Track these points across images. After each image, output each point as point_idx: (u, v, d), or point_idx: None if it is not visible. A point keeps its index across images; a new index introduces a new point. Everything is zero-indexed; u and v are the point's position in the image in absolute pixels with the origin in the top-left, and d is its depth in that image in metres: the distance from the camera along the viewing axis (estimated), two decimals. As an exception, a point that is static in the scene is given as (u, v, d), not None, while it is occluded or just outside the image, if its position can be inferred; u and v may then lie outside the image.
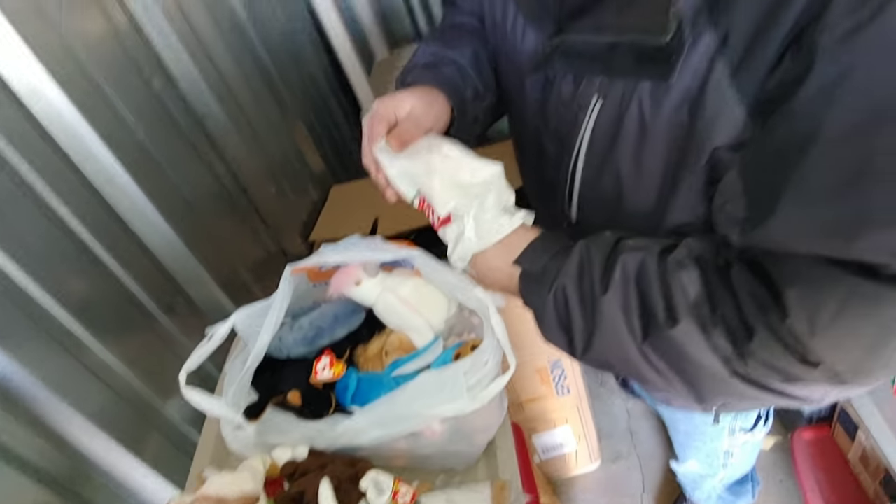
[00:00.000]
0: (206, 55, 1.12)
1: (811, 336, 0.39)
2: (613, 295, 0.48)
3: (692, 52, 0.45)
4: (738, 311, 0.43)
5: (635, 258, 0.49)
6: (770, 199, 0.41)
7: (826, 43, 0.37)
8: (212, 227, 1.03)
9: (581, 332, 0.51)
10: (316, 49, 1.82)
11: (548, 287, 0.52)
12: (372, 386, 0.70)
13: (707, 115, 0.46)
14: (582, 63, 0.55)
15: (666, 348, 0.46)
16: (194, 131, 1.05)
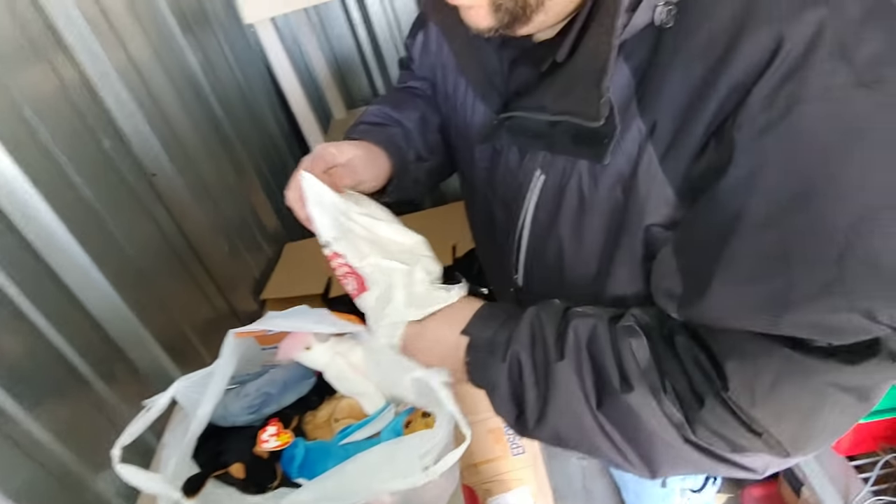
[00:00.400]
0: (160, 113, 1.12)
1: (752, 406, 0.42)
2: (568, 361, 0.49)
3: (625, 137, 0.48)
4: (687, 379, 0.45)
5: (586, 324, 0.50)
6: (703, 280, 0.43)
7: (742, 139, 0.40)
8: (158, 287, 1.00)
9: (534, 403, 0.51)
10: (273, 108, 1.84)
11: (501, 356, 0.52)
12: (320, 456, 0.68)
13: (640, 195, 0.49)
14: (526, 138, 0.58)
15: (620, 415, 0.47)
16: (144, 190, 1.03)
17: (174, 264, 1.09)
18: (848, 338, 0.39)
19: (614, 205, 0.52)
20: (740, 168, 0.41)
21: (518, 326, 0.53)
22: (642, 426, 0.46)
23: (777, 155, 0.39)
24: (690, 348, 0.46)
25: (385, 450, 0.63)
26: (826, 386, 0.40)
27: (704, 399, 0.43)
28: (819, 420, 0.41)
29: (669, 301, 0.47)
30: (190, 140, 1.21)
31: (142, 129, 1.04)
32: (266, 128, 1.73)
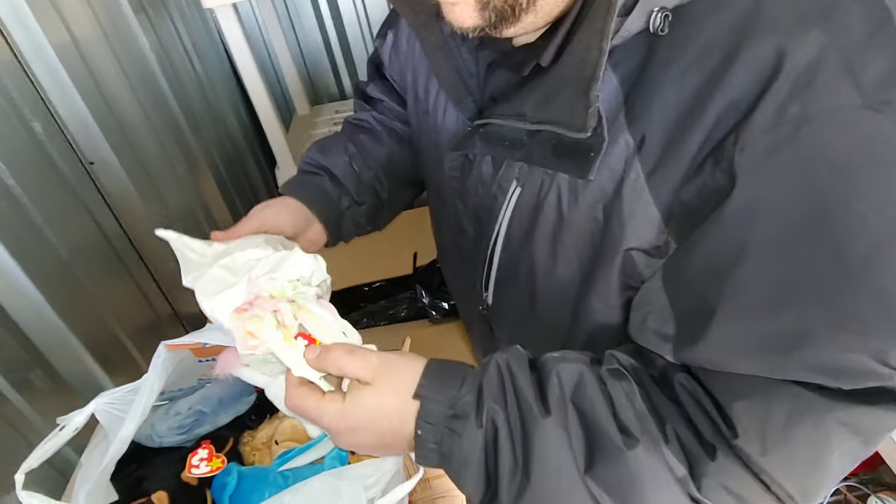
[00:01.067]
0: (103, 97, 1.03)
1: (763, 454, 0.38)
2: (556, 417, 0.42)
3: (610, 151, 0.44)
4: (693, 428, 0.41)
5: (570, 371, 0.44)
6: (701, 318, 0.40)
7: (746, 160, 0.37)
8: (91, 288, 0.91)
9: (510, 476, 0.42)
10: (232, 100, 1.76)
11: (476, 420, 0.42)
12: (255, 483, 0.62)
13: (622, 215, 0.45)
14: (502, 148, 0.53)
15: (616, 477, 0.41)
16: (80, 180, 0.95)
17: (111, 262, 1.00)
18: (857, 381, 0.36)
19: (593, 224, 0.48)
20: (745, 193, 0.37)
21: (485, 378, 0.45)
22: (643, 488, 0.40)
23: (785, 179, 0.36)
24: (693, 391, 0.42)
25: (327, 480, 0.58)
26: (839, 426, 0.37)
27: (717, 449, 0.39)
28: (828, 467, 0.38)
29: (662, 343, 0.43)
30: (136, 127, 1.13)
31: (80, 113, 0.95)
32: (223, 120, 1.65)
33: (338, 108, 1.92)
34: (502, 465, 0.42)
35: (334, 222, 0.72)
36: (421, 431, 0.44)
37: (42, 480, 0.70)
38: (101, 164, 1.01)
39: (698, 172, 0.40)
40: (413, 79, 0.69)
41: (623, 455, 0.40)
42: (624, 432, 0.41)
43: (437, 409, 0.44)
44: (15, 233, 0.77)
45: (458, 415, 0.43)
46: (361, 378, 0.46)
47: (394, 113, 0.82)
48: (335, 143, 0.79)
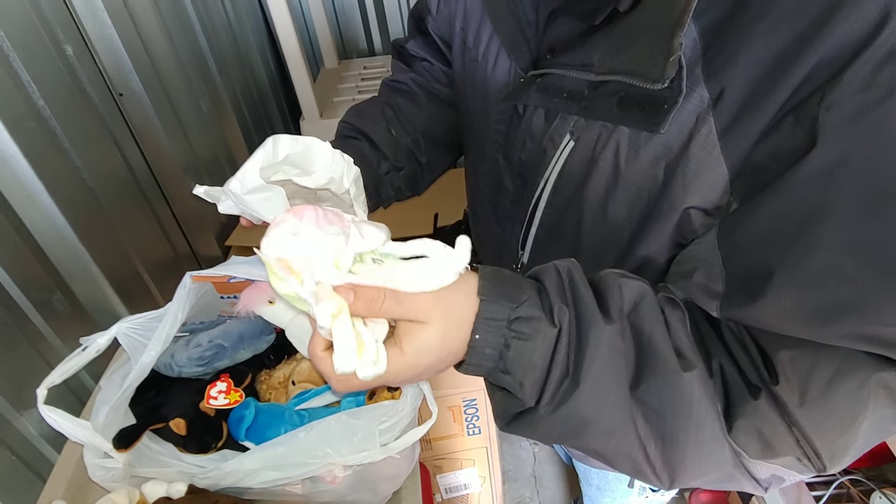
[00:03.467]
0: (136, 31, 1.02)
1: (800, 405, 0.37)
2: (618, 326, 0.40)
3: (683, 106, 0.42)
4: (736, 366, 0.40)
5: (634, 287, 0.42)
6: (756, 283, 0.39)
7: (831, 120, 0.35)
8: (113, 218, 0.91)
9: (559, 380, 0.40)
10: (262, 48, 1.73)
11: (549, 319, 0.40)
12: (271, 420, 0.62)
13: (687, 173, 0.43)
14: (559, 100, 0.51)
15: (664, 400, 0.39)
16: (109, 109, 0.94)
17: (135, 196, 1.00)
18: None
19: (652, 182, 0.46)
20: (825, 154, 0.35)
21: (545, 278, 0.42)
22: (690, 416, 0.38)
23: (872, 143, 0.34)
24: (739, 334, 0.41)
25: (343, 420, 0.58)
26: (881, 388, 0.36)
27: (760, 391, 0.38)
28: (858, 432, 0.37)
29: (708, 299, 0.42)
30: (166, 66, 1.11)
31: (111, 41, 0.94)
32: (251, 66, 1.62)
33: (366, 63, 1.89)
34: (555, 369, 0.40)
35: (374, 187, 0.71)
36: (479, 336, 0.40)
37: (59, 402, 0.71)
38: (129, 97, 1.00)
39: (775, 131, 0.38)
40: (463, 25, 0.66)
41: (679, 377, 0.38)
42: (680, 356, 0.39)
43: (500, 308, 0.40)
44: (42, 154, 0.76)
45: (525, 318, 0.40)
46: (417, 318, 0.41)
47: (433, 74, 0.80)
48: (372, 106, 0.77)
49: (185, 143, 1.18)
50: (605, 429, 0.40)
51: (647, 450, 0.40)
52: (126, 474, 0.59)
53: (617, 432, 0.40)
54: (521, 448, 1.80)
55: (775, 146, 0.38)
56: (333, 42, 1.91)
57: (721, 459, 0.40)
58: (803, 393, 0.37)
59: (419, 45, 0.81)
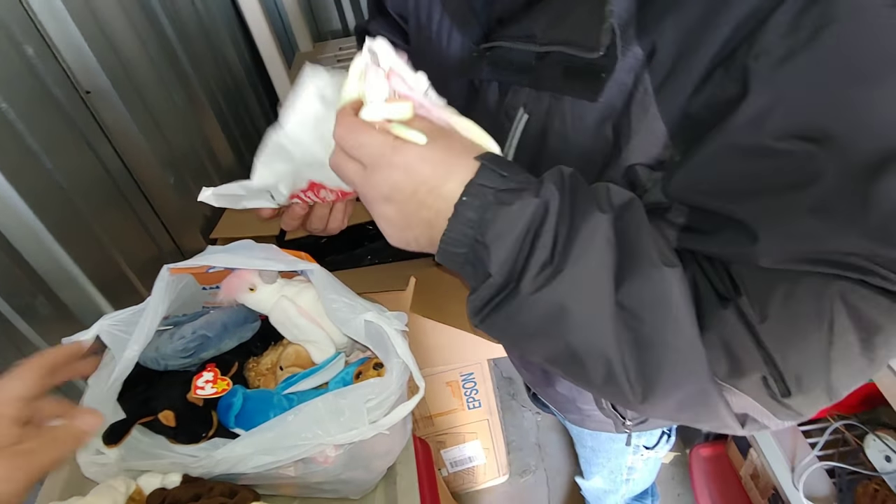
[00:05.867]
0: (99, 27, 1.00)
1: (762, 321, 0.37)
2: (610, 216, 0.39)
3: (618, 65, 0.42)
4: (707, 279, 0.40)
5: (622, 193, 0.41)
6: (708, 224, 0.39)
7: (759, 68, 0.36)
8: (91, 219, 0.91)
9: (543, 263, 0.38)
10: (234, 37, 1.70)
11: (534, 192, 0.39)
12: (260, 405, 0.63)
13: (629, 131, 0.44)
14: (509, 72, 0.51)
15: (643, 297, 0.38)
16: (76, 109, 0.93)
17: (113, 196, 0.99)
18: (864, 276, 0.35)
19: (601, 143, 0.46)
20: (756, 101, 0.36)
21: (546, 174, 0.41)
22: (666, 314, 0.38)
23: (800, 85, 0.35)
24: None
25: (330, 400, 0.58)
26: (840, 302, 0.36)
27: (730, 301, 0.38)
28: (823, 358, 0.37)
29: (668, 229, 0.43)
30: (133, 59, 1.10)
31: (73, 39, 0.92)
32: (224, 55, 1.60)
33: (341, 44, 1.86)
34: (538, 251, 0.38)
35: None
36: (467, 197, 0.39)
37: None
38: (98, 94, 0.98)
39: (708, 83, 0.39)
40: (415, 4, 0.66)
41: (660, 272, 0.38)
42: (662, 255, 0.39)
43: (494, 180, 0.40)
44: (10, 158, 0.76)
45: (513, 189, 0.39)
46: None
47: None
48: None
49: (160, 139, 1.16)
50: (585, 321, 0.39)
51: (623, 354, 0.39)
52: (119, 469, 0.60)
53: (595, 327, 0.39)
54: (524, 418, 1.82)
55: (709, 98, 0.39)
56: (306, 24, 1.88)
57: (695, 369, 0.39)
58: (763, 307, 0.37)
59: (380, 25, 0.81)
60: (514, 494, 1.63)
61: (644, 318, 0.38)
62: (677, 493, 1.54)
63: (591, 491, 1.29)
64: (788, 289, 0.36)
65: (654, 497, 1.37)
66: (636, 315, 0.38)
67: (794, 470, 1.03)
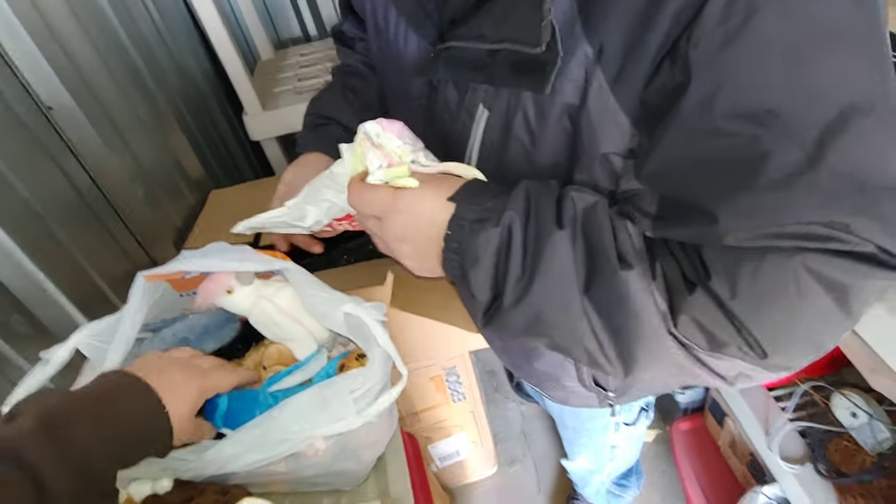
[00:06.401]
0: (58, 43, 0.99)
1: (732, 298, 0.40)
2: (567, 232, 0.44)
3: (570, 63, 0.45)
4: (678, 265, 0.43)
5: (587, 200, 0.46)
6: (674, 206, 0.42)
7: (700, 57, 0.38)
8: (63, 235, 0.90)
9: (518, 277, 0.46)
10: (195, 48, 1.70)
11: (494, 222, 0.46)
12: (245, 404, 0.63)
13: (591, 123, 0.47)
14: (465, 71, 0.54)
15: (609, 298, 0.43)
16: (40, 125, 0.92)
17: (82, 211, 0.99)
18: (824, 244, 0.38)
19: (565, 135, 0.49)
20: (699, 88, 0.39)
21: (513, 194, 0.47)
22: (631, 311, 0.43)
23: (739, 69, 0.38)
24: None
25: (315, 393, 0.59)
26: (805, 272, 0.38)
27: (696, 286, 0.41)
28: (798, 320, 0.40)
29: (643, 218, 0.45)
30: (94, 74, 1.09)
31: (31, 54, 0.92)
32: (187, 68, 1.59)
33: (302, 51, 1.87)
34: (512, 268, 0.45)
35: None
36: (450, 231, 0.48)
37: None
38: (60, 110, 0.98)
39: (658, 74, 0.42)
40: (372, 8, 0.68)
41: (616, 276, 0.42)
42: (621, 259, 0.43)
43: (464, 214, 0.47)
44: (-24, 178, 0.75)
45: (481, 219, 0.46)
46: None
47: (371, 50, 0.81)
48: (333, 93, 0.80)
49: (127, 153, 1.16)
50: (560, 323, 0.45)
51: (601, 342, 0.45)
52: (109, 478, 0.60)
53: (570, 326, 0.45)
54: (508, 409, 1.85)
55: (661, 88, 0.42)
56: (266, 33, 1.88)
57: (665, 351, 0.44)
58: (733, 285, 0.40)
59: (352, 25, 0.83)
60: (504, 485, 1.65)
61: (612, 313, 0.43)
62: (661, 469, 1.58)
63: (578, 472, 1.32)
64: (755, 266, 0.39)
65: (639, 475, 1.40)
66: (604, 312, 0.44)
67: (769, 434, 1.07)
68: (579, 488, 1.42)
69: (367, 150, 0.53)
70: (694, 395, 1.42)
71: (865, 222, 0.37)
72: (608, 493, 1.37)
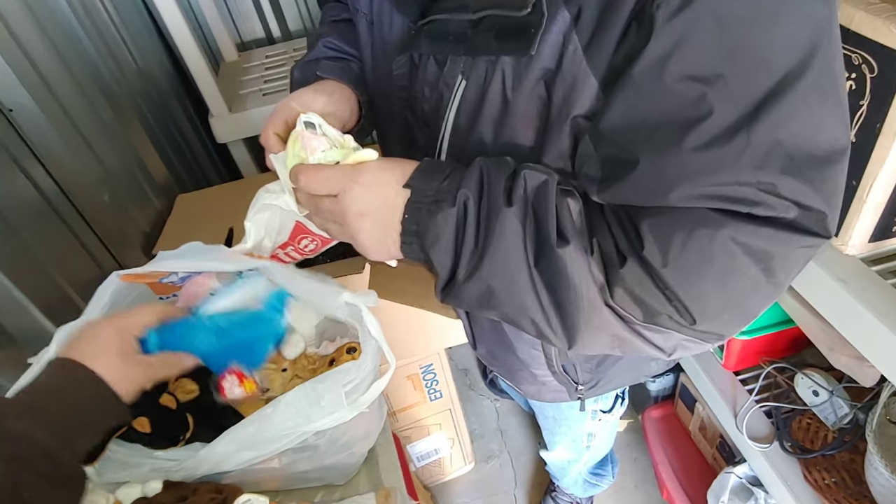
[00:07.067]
0: (14, 42, 0.95)
1: (663, 266, 0.42)
2: (516, 209, 0.46)
3: (549, 29, 0.47)
4: (613, 240, 0.45)
5: (536, 178, 0.48)
6: (619, 164, 0.44)
7: (661, 17, 0.41)
8: (28, 240, 0.87)
9: (471, 252, 0.48)
10: (154, 47, 1.65)
11: (450, 202, 0.48)
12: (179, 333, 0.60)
13: (565, 87, 0.49)
14: (446, 43, 0.56)
15: (552, 273, 0.46)
16: (1, 127, 0.89)
17: (47, 215, 0.95)
18: (753, 209, 0.40)
19: (538, 101, 0.51)
20: (657, 47, 0.41)
21: (467, 173, 0.49)
22: (570, 285, 0.45)
23: (696, 31, 0.40)
24: (616, 211, 0.47)
25: (308, 388, 0.59)
26: (732, 244, 0.41)
27: (627, 258, 0.44)
28: (726, 289, 0.43)
29: (590, 185, 0.48)
30: (53, 75, 1.05)
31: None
32: (149, 70, 1.55)
33: (267, 52, 1.84)
34: (466, 243, 0.48)
35: (367, 107, 0.70)
36: (408, 215, 0.49)
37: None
38: (21, 112, 0.94)
39: (626, 38, 0.44)
40: None
41: (554, 253, 0.45)
42: (560, 235, 0.46)
43: (420, 198, 0.49)
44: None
45: (438, 200, 0.48)
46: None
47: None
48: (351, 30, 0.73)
49: (90, 156, 1.12)
50: (510, 296, 0.48)
51: (547, 314, 0.47)
52: (95, 484, 0.58)
53: (519, 300, 0.47)
54: (483, 406, 1.86)
55: (627, 51, 0.44)
56: (229, 35, 1.85)
57: (605, 322, 0.47)
58: (664, 254, 0.42)
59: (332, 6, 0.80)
60: (482, 480, 1.67)
61: (554, 287, 0.46)
62: (633, 457, 1.63)
63: (556, 463, 1.34)
64: (685, 236, 0.42)
65: (614, 463, 1.44)
66: (548, 286, 0.46)
67: (737, 416, 1.11)
68: (557, 480, 1.45)
69: (310, 139, 0.53)
70: (664, 383, 1.47)
71: (792, 183, 0.40)
72: (585, 482, 1.40)
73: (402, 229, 0.50)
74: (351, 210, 0.50)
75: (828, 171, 0.41)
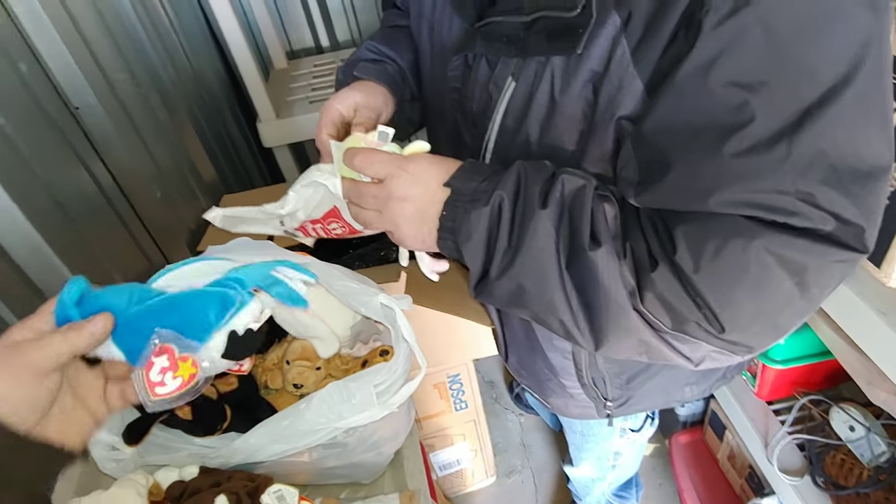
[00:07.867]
0: (85, 45, 1.02)
1: (695, 271, 0.43)
2: (550, 212, 0.48)
3: (599, 32, 0.49)
4: (646, 245, 0.46)
5: (573, 182, 0.49)
6: (658, 167, 0.45)
7: (709, 22, 0.41)
8: (86, 232, 0.92)
9: (505, 250, 0.50)
10: (210, 53, 1.73)
11: (484, 201, 0.50)
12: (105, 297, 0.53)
13: (610, 90, 0.50)
14: (500, 44, 0.58)
15: (584, 276, 0.47)
16: (68, 124, 0.95)
17: (104, 208, 1.01)
18: (789, 218, 0.40)
19: (584, 103, 0.52)
20: (703, 52, 0.42)
21: (505, 175, 0.51)
22: (601, 288, 0.46)
23: (743, 38, 0.40)
24: (651, 217, 0.47)
25: (340, 386, 0.61)
26: (766, 254, 0.41)
27: (659, 263, 0.44)
28: (758, 300, 0.43)
29: (628, 188, 0.48)
30: (118, 78, 1.12)
31: (64, 59, 0.94)
32: (203, 74, 1.62)
33: (315, 61, 1.90)
34: (500, 242, 0.49)
35: (399, 109, 0.73)
36: (446, 211, 0.52)
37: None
38: (86, 110, 1.00)
39: (674, 43, 0.45)
40: None
41: (586, 256, 0.46)
42: (593, 238, 0.47)
43: (458, 196, 0.51)
44: (10, 173, 0.77)
45: (474, 199, 0.51)
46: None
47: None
48: (396, 37, 0.79)
49: (146, 154, 1.18)
50: (540, 296, 0.49)
51: (576, 316, 0.49)
52: (136, 464, 0.62)
53: (549, 299, 0.49)
54: (508, 420, 1.86)
55: (674, 56, 0.45)
56: (280, 43, 1.92)
57: (633, 327, 0.47)
58: (696, 259, 0.42)
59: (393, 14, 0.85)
60: (502, 494, 1.66)
61: (584, 289, 0.47)
62: (658, 482, 1.60)
63: (580, 480, 1.33)
64: (719, 244, 0.42)
65: (639, 486, 1.42)
66: (579, 287, 0.47)
67: (768, 446, 1.09)
68: (579, 499, 1.43)
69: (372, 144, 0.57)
70: (694, 409, 1.45)
71: (831, 194, 0.40)
72: (607, 503, 1.38)
73: (439, 225, 0.52)
74: (395, 194, 0.53)
75: (869, 186, 0.41)
